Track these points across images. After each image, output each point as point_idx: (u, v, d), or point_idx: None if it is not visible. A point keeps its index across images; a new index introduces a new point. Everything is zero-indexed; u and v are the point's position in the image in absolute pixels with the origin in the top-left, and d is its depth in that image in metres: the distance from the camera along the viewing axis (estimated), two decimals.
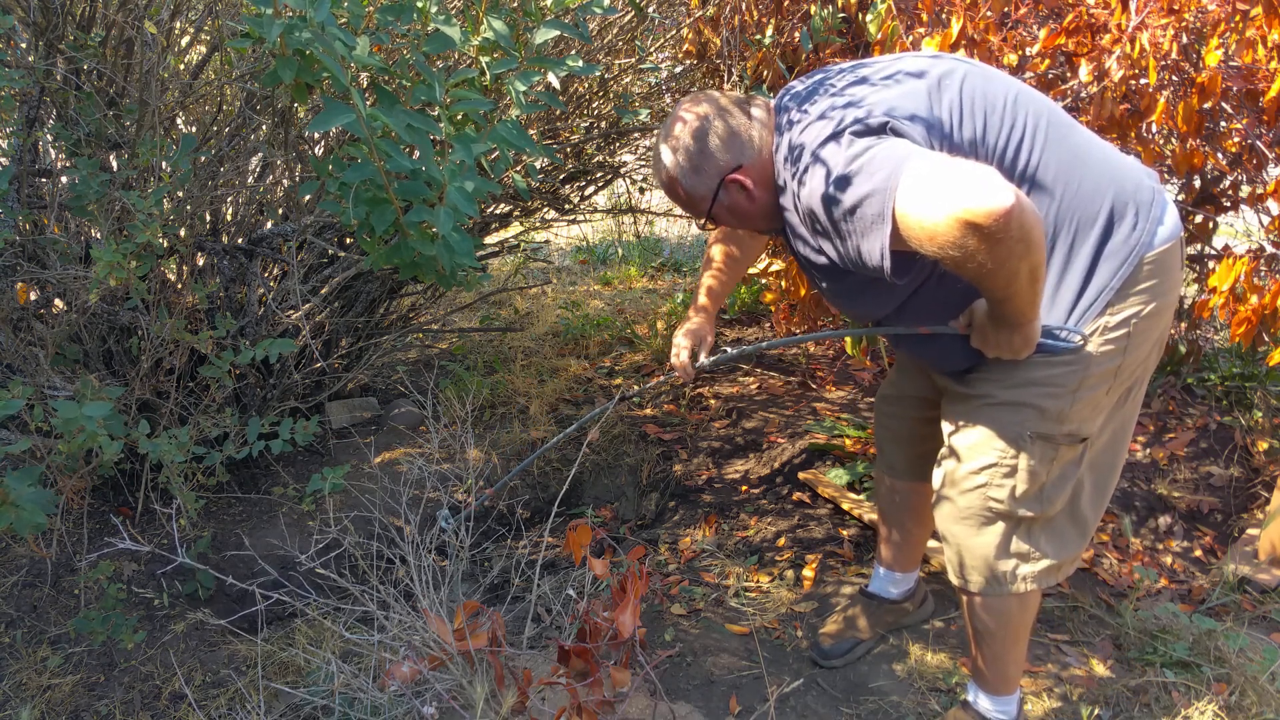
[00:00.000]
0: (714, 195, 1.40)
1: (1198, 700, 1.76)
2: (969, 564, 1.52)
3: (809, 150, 1.29)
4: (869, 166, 1.19)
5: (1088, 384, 1.37)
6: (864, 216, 1.20)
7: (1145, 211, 1.33)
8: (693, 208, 1.45)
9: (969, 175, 1.10)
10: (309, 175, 2.34)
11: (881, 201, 1.17)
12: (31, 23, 1.82)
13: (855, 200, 1.20)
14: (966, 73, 1.34)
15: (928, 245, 1.14)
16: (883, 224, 1.18)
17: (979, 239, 1.09)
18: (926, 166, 1.14)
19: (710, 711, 1.77)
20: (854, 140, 1.23)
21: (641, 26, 2.67)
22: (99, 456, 1.74)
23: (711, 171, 1.38)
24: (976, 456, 1.45)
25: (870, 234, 1.20)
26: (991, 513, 1.46)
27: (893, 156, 1.18)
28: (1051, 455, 1.41)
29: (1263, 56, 1.96)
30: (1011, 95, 1.33)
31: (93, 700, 1.83)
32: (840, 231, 1.25)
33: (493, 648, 1.33)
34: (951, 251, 1.12)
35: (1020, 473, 1.42)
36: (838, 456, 2.70)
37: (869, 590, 2.00)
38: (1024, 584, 1.50)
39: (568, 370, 3.42)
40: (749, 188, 1.38)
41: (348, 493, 2.53)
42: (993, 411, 1.42)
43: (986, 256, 1.11)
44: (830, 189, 1.23)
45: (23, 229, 1.98)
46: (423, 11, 1.30)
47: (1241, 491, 2.51)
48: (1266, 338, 2.22)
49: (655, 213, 4.18)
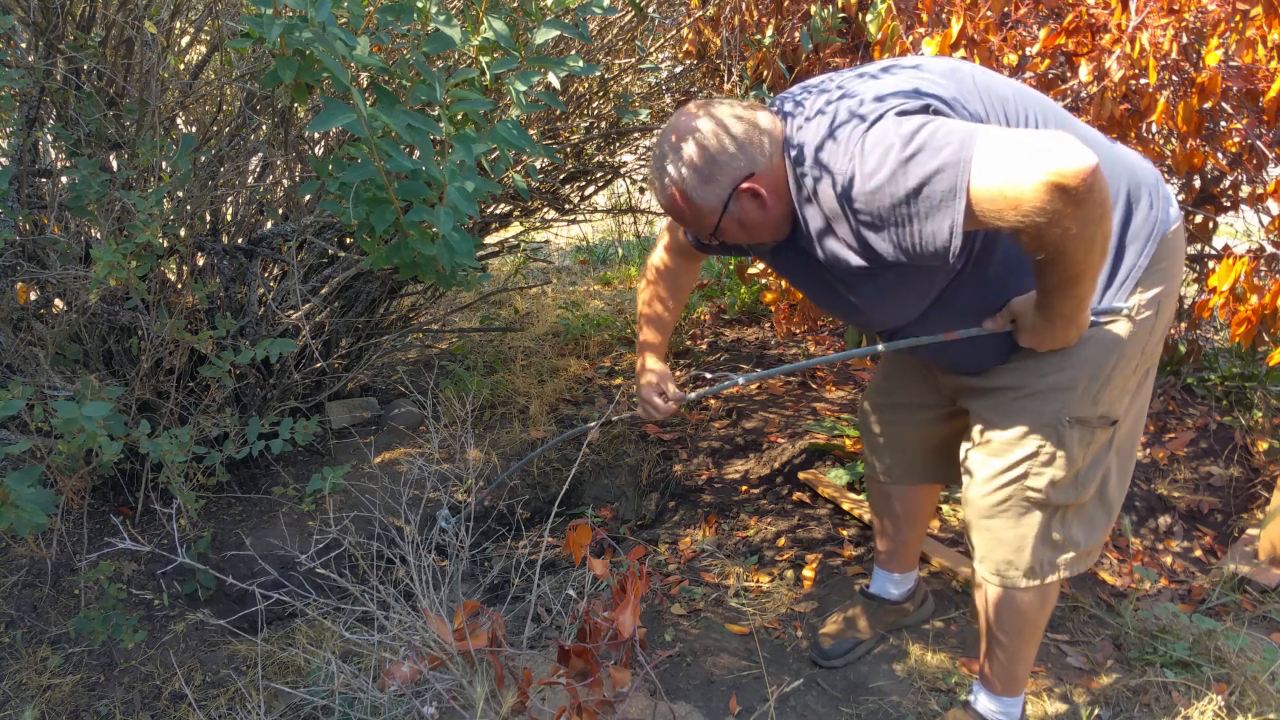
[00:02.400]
0: (724, 207, 1.32)
1: (1198, 700, 1.76)
2: (1004, 557, 1.51)
3: (851, 140, 1.22)
4: (931, 142, 1.14)
5: (1121, 365, 1.38)
6: (932, 195, 1.14)
7: (1156, 192, 1.35)
8: (699, 223, 1.37)
9: (1048, 138, 1.08)
10: (309, 175, 2.34)
11: (954, 176, 1.12)
12: (31, 23, 1.82)
13: (922, 178, 1.14)
14: (973, 70, 1.35)
15: (1010, 215, 1.10)
16: (954, 200, 1.13)
17: (1065, 201, 1.06)
18: (997, 135, 1.11)
19: (710, 711, 1.77)
20: (903, 119, 1.18)
21: (641, 26, 2.67)
22: (99, 456, 1.74)
23: (724, 181, 1.30)
24: (1013, 449, 1.44)
25: (938, 212, 1.15)
26: (1029, 503, 1.46)
27: (956, 130, 1.13)
28: (1088, 440, 1.41)
29: (1263, 56, 1.96)
30: (1014, 91, 1.35)
31: (93, 700, 1.83)
32: (899, 217, 1.19)
33: (493, 648, 1.33)
34: (1037, 219, 1.08)
35: (1059, 460, 1.42)
36: (838, 456, 2.70)
37: (869, 591, 2.00)
38: (1059, 572, 1.50)
39: (568, 370, 3.42)
40: (762, 195, 1.31)
41: (348, 493, 2.53)
42: (1028, 402, 1.41)
43: (1071, 220, 1.08)
44: (888, 172, 1.17)
45: (23, 229, 1.98)
46: (423, 11, 1.30)
47: (1241, 491, 2.51)
48: (1266, 338, 2.22)
49: (655, 213, 4.18)
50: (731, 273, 4.16)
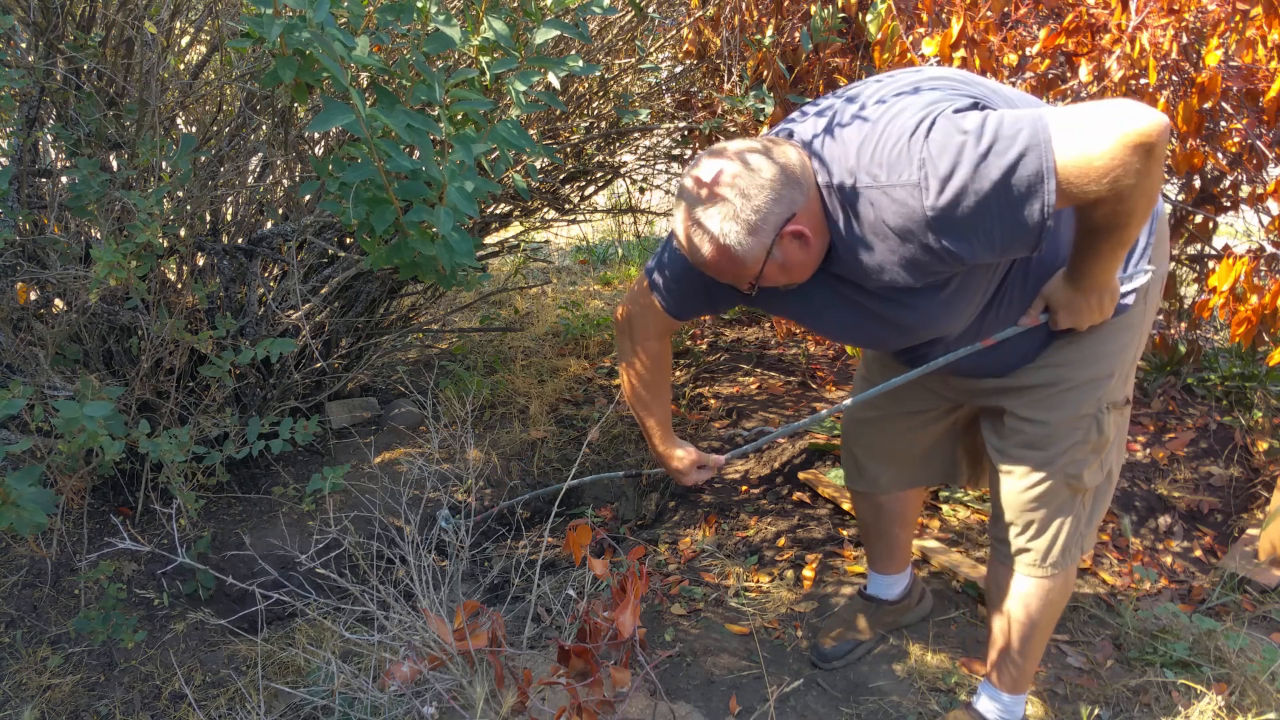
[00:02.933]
0: (767, 254, 1.26)
1: (1198, 700, 1.76)
2: (1043, 547, 1.53)
3: (913, 151, 1.17)
4: (1003, 132, 1.13)
5: (1135, 344, 1.44)
6: (1019, 181, 1.13)
7: None
8: (738, 274, 1.29)
9: (1114, 104, 1.11)
10: (309, 175, 2.34)
11: (1038, 158, 1.11)
12: (31, 23, 1.82)
13: (1006, 167, 1.12)
14: (968, 77, 1.36)
15: (1101, 181, 1.11)
16: (1042, 181, 1.12)
17: (1147, 157, 1.09)
18: (1063, 112, 1.13)
19: (710, 711, 1.77)
20: (960, 117, 1.17)
21: (641, 26, 2.68)
22: (99, 456, 1.74)
23: (768, 229, 1.23)
24: (1056, 441, 1.45)
25: (1030, 197, 1.13)
26: (1071, 490, 1.48)
27: (1022, 116, 1.14)
28: (1120, 422, 1.47)
29: (1263, 56, 1.96)
30: (1011, 90, 1.37)
31: (93, 700, 1.83)
32: (987, 212, 1.16)
33: (493, 648, 1.33)
34: (1127, 180, 1.10)
35: (1100, 447, 1.45)
36: (838, 456, 2.70)
37: (867, 593, 2.00)
38: (1081, 552, 1.54)
39: (568, 370, 3.42)
40: (806, 235, 1.26)
41: (348, 493, 2.53)
42: (1068, 395, 1.44)
43: (1151, 178, 1.11)
44: (968, 170, 1.14)
45: (23, 229, 1.98)
46: (423, 11, 1.30)
47: (1241, 491, 2.51)
48: (1266, 338, 2.22)
49: (655, 213, 4.18)
50: None
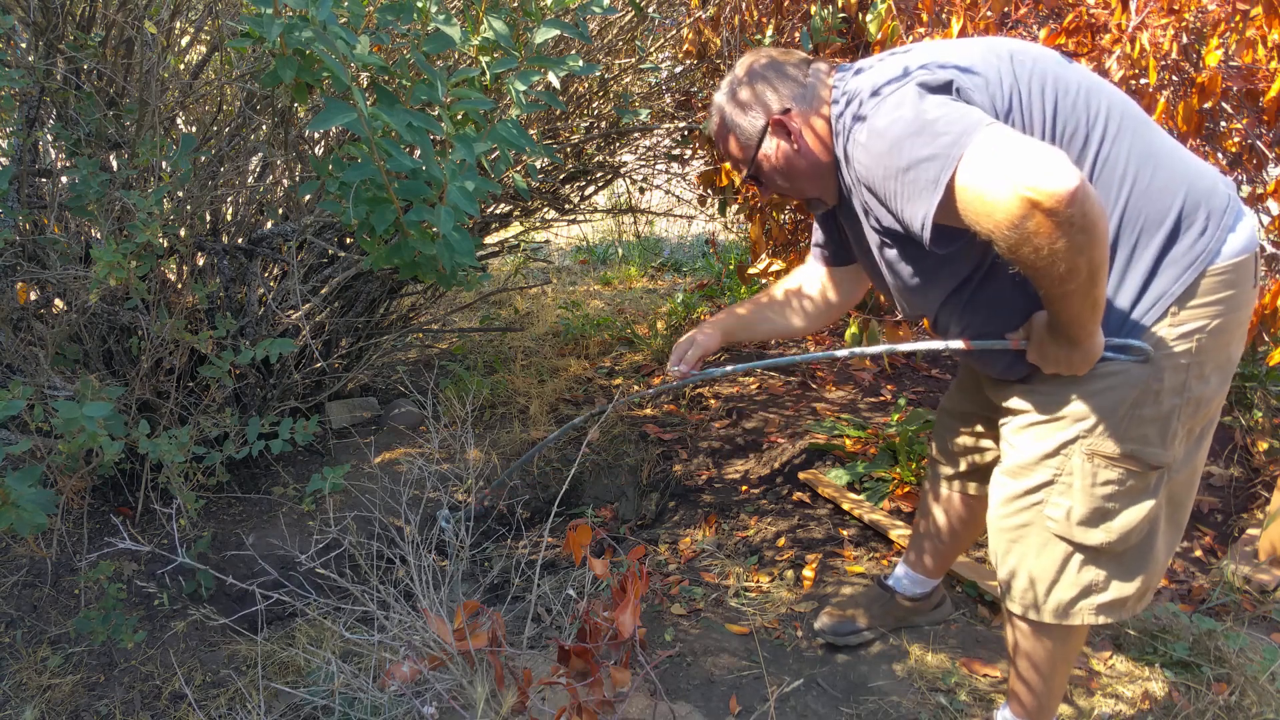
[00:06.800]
0: (759, 139, 1.38)
1: (1198, 700, 1.76)
2: (1024, 588, 1.44)
3: (870, 95, 1.23)
4: (932, 128, 1.13)
5: (1148, 403, 1.29)
6: (917, 180, 1.14)
7: (1217, 218, 1.25)
8: (736, 153, 1.42)
9: (1036, 152, 1.05)
10: (309, 175, 2.34)
11: (939, 168, 1.11)
12: (31, 23, 1.82)
13: (912, 161, 1.14)
14: (1040, 54, 1.31)
15: (984, 222, 1.09)
16: (934, 191, 1.12)
17: (1038, 221, 1.03)
18: (993, 138, 1.09)
19: (710, 711, 1.77)
20: (922, 95, 1.18)
21: (641, 26, 2.68)
22: (99, 456, 1.74)
23: (758, 112, 1.37)
24: (1030, 474, 1.39)
25: (918, 198, 1.15)
26: (1049, 534, 1.39)
27: (960, 123, 1.12)
28: (1109, 478, 1.33)
29: (1263, 56, 1.96)
30: (1086, 83, 1.28)
31: (93, 700, 1.83)
32: (889, 189, 1.20)
33: (493, 648, 1.32)
34: (1008, 232, 1.06)
35: (1075, 493, 1.34)
36: (838, 456, 2.70)
37: (885, 581, 1.99)
38: (1085, 616, 1.41)
39: (568, 370, 3.42)
40: (792, 130, 1.34)
41: (348, 493, 2.53)
42: (1045, 428, 1.37)
43: (1044, 241, 1.05)
44: (887, 144, 1.18)
45: (23, 229, 1.98)
46: (423, 11, 1.30)
47: (1241, 491, 2.51)
48: (1266, 338, 2.22)
49: (655, 213, 4.19)
50: (732, 273, 4.16)
